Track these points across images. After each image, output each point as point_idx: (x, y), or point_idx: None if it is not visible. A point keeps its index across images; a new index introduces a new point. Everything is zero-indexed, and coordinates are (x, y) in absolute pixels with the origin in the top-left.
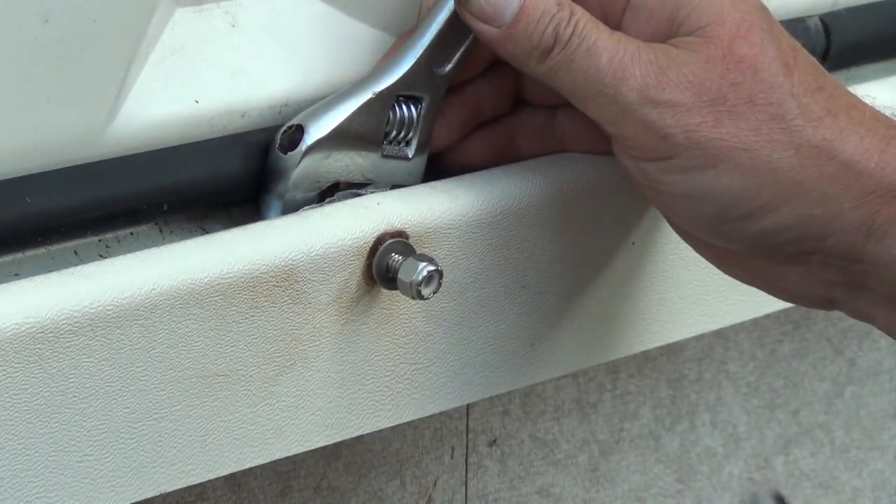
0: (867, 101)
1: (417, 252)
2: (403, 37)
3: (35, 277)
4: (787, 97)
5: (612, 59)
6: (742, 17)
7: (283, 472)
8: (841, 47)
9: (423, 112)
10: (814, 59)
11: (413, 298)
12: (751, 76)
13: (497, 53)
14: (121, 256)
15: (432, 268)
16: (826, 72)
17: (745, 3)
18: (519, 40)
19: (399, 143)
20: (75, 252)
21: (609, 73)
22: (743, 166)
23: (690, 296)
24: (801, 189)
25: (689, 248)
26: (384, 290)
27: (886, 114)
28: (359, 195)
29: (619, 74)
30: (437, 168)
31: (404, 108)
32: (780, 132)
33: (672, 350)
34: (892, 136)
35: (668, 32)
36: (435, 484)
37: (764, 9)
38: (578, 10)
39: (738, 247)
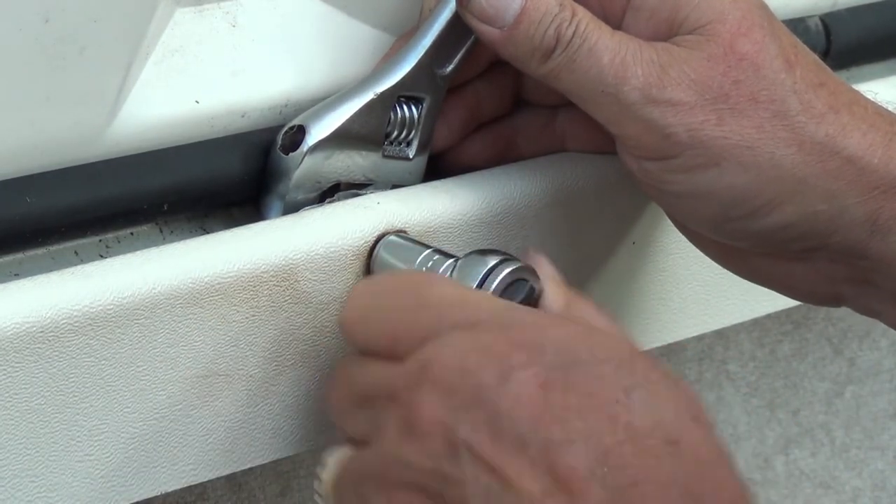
0: (870, 96)
1: None
2: (404, 37)
3: (35, 277)
4: (789, 94)
5: (613, 58)
6: (743, 15)
7: (283, 472)
8: (841, 47)
9: (424, 112)
10: (815, 56)
11: None
12: (752, 73)
13: (498, 54)
14: (121, 256)
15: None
16: (828, 68)
17: (746, 1)
18: (520, 41)
19: (400, 143)
20: (75, 252)
21: (611, 72)
22: (746, 164)
23: (691, 295)
24: (805, 186)
25: (691, 248)
26: None
27: (889, 109)
28: (359, 195)
29: (620, 74)
30: (437, 168)
31: (405, 108)
32: (783, 129)
33: (672, 350)
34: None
35: (668, 31)
36: None
37: (764, 6)
38: (580, 10)
39: (743, 244)
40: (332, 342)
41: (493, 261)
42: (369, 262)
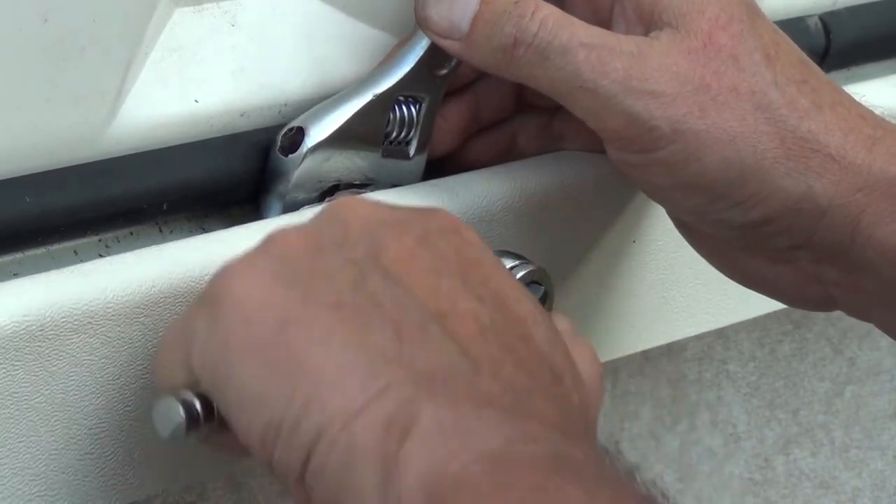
0: (857, 98)
1: None
2: (405, 39)
3: (35, 276)
4: (770, 86)
5: (589, 53)
6: (722, 8)
7: None
8: (841, 46)
9: (423, 111)
10: (800, 54)
11: None
12: (732, 65)
13: (471, 66)
14: (120, 255)
15: None
16: (813, 65)
17: None
18: (480, 45)
19: (399, 142)
20: (75, 252)
21: (588, 67)
22: (729, 159)
23: (692, 294)
24: (788, 181)
25: (691, 246)
26: None
27: (877, 112)
28: (359, 195)
29: (598, 68)
30: (436, 169)
31: (405, 108)
32: (765, 122)
33: (672, 350)
34: (879, 136)
35: (651, 19)
36: None
37: (747, 2)
38: (545, 6)
39: (728, 235)
40: None
41: (509, 263)
42: None
